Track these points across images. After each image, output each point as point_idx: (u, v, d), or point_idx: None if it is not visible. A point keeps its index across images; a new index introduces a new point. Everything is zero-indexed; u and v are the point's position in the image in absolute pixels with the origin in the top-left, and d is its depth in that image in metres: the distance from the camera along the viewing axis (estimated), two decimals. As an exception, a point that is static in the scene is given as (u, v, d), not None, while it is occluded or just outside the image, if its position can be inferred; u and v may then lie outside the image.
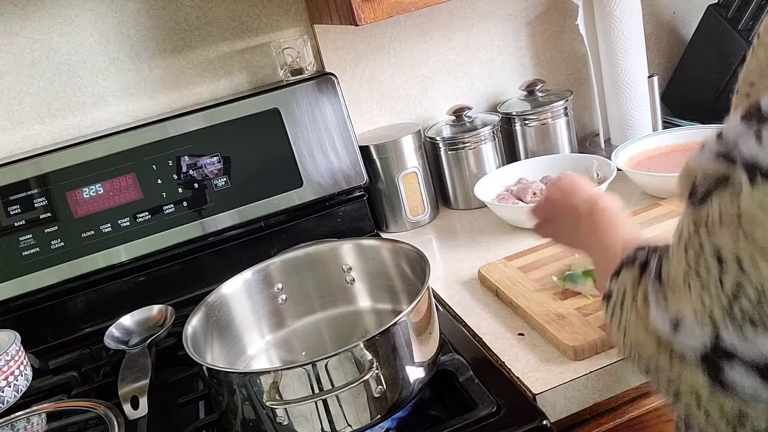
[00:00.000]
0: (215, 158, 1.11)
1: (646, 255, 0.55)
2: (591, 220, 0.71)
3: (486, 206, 1.18)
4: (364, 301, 0.95)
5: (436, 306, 0.87)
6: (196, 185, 1.11)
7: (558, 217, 0.78)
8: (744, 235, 0.40)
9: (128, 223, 1.09)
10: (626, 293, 0.54)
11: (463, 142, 1.24)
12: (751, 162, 0.40)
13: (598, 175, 1.15)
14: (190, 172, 1.11)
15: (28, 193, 1.05)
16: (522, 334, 0.85)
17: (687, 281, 0.45)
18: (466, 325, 0.90)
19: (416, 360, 0.73)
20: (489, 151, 1.25)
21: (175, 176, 1.10)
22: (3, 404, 0.86)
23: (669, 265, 0.48)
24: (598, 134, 1.35)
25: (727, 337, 0.42)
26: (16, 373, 0.89)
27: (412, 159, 1.21)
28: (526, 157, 1.30)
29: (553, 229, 0.81)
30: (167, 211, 1.10)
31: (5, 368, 0.87)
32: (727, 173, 0.42)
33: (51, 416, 0.86)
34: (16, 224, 1.05)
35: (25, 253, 1.06)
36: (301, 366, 0.67)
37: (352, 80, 1.27)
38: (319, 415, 0.69)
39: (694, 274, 0.44)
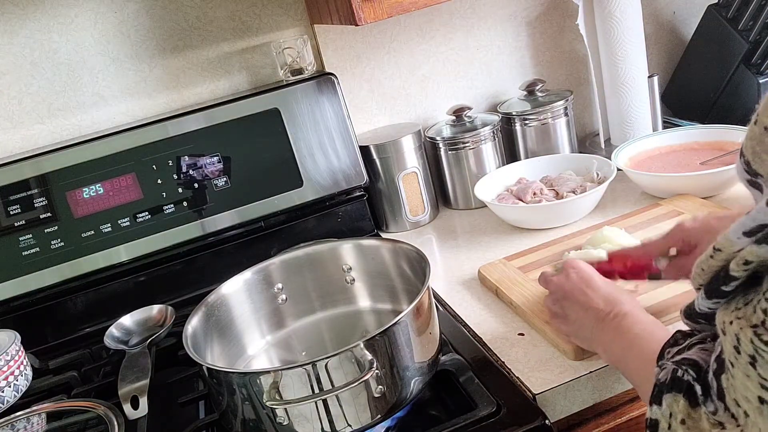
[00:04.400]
0: (215, 158, 1.12)
1: (693, 373, 0.49)
2: (615, 324, 0.67)
3: (486, 206, 1.18)
4: (364, 301, 0.95)
5: (436, 306, 0.87)
6: (196, 185, 1.11)
7: (575, 314, 0.74)
8: None
9: (128, 223, 1.09)
10: (679, 424, 0.48)
11: (463, 142, 1.24)
12: None
13: (598, 175, 1.15)
14: (190, 172, 1.11)
15: (28, 193, 1.05)
16: (522, 334, 0.85)
17: (767, 402, 0.40)
18: (466, 325, 0.90)
19: (416, 360, 0.73)
20: (489, 151, 1.25)
21: (175, 176, 1.10)
22: (3, 404, 0.86)
23: (734, 385, 0.43)
24: (598, 134, 1.35)
25: None
26: (16, 373, 0.89)
27: (412, 159, 1.21)
28: (526, 157, 1.30)
29: (568, 325, 0.76)
30: (167, 211, 1.10)
31: (5, 368, 0.87)
32: None
33: (51, 416, 0.86)
34: (16, 224, 1.05)
35: (25, 253, 1.06)
36: (301, 366, 0.67)
37: (352, 80, 1.27)
38: (319, 415, 0.69)
39: None
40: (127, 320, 1.02)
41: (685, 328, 0.57)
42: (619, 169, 1.13)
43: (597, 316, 0.70)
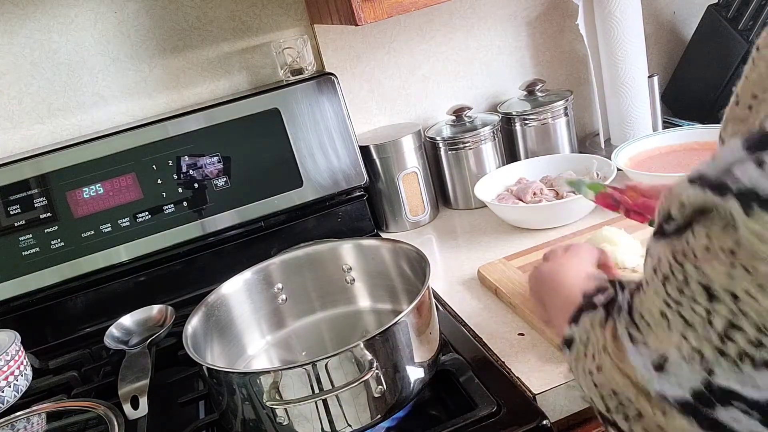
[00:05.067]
0: (215, 158, 1.12)
1: (610, 295, 0.52)
2: (556, 262, 0.70)
3: (486, 206, 1.18)
4: (364, 301, 0.95)
5: (436, 306, 0.87)
6: (196, 185, 1.11)
7: (539, 265, 0.76)
8: (743, 269, 0.38)
9: (128, 223, 1.09)
10: (591, 336, 0.52)
11: (463, 142, 1.24)
12: (748, 190, 0.37)
13: (598, 175, 1.15)
14: (190, 172, 1.11)
15: (28, 193, 1.05)
16: (522, 334, 0.85)
17: (666, 316, 0.43)
18: (466, 325, 0.90)
19: (416, 360, 0.73)
20: (489, 151, 1.25)
21: (175, 176, 1.10)
22: (3, 404, 0.86)
23: (642, 300, 0.46)
24: (598, 134, 1.35)
25: (721, 376, 0.40)
26: (16, 373, 0.89)
27: (412, 159, 1.21)
28: (526, 157, 1.30)
29: (531, 275, 0.78)
30: (167, 211, 1.10)
31: (5, 368, 0.87)
32: (713, 203, 0.39)
33: (51, 416, 0.86)
34: (16, 224, 1.05)
35: (25, 253, 1.06)
36: (301, 366, 0.67)
37: (352, 80, 1.27)
38: (319, 415, 0.69)
39: (674, 310, 0.42)
40: (127, 320, 1.02)
41: None
42: (619, 169, 1.13)
43: (554, 259, 0.73)
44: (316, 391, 0.67)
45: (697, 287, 0.40)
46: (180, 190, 1.11)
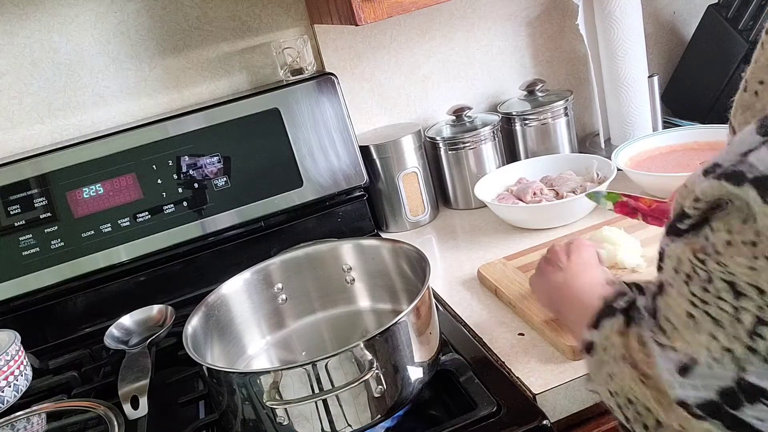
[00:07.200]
0: (215, 158, 1.12)
1: (629, 299, 0.51)
2: (567, 270, 0.72)
3: (486, 206, 1.18)
4: (364, 301, 0.95)
5: (436, 306, 0.86)
6: (196, 185, 1.11)
7: (545, 264, 0.79)
8: (765, 260, 0.36)
9: (128, 223, 1.09)
10: (612, 344, 0.50)
11: (463, 142, 1.24)
12: (765, 177, 0.36)
13: (598, 175, 1.15)
14: (190, 172, 1.11)
15: (28, 193, 1.05)
16: (522, 334, 0.85)
17: (693, 317, 0.41)
18: (466, 325, 0.90)
19: (416, 360, 0.73)
20: (489, 151, 1.25)
21: (175, 176, 1.10)
22: (3, 404, 0.86)
23: (667, 303, 0.44)
24: (598, 134, 1.35)
25: (753, 374, 0.39)
26: (16, 373, 0.89)
27: (412, 159, 1.21)
28: (526, 157, 1.30)
29: (538, 282, 0.81)
30: (167, 211, 1.10)
31: (5, 368, 0.87)
32: (729, 194, 0.38)
33: (51, 416, 0.86)
34: (16, 224, 1.05)
35: (25, 253, 1.06)
36: (301, 366, 0.67)
37: (352, 80, 1.27)
38: (319, 415, 0.69)
39: (701, 309, 0.41)
40: (127, 320, 1.02)
41: None
42: (619, 169, 1.13)
43: (560, 265, 0.74)
44: (316, 391, 0.67)
45: (721, 284, 0.39)
46: (180, 190, 1.11)
